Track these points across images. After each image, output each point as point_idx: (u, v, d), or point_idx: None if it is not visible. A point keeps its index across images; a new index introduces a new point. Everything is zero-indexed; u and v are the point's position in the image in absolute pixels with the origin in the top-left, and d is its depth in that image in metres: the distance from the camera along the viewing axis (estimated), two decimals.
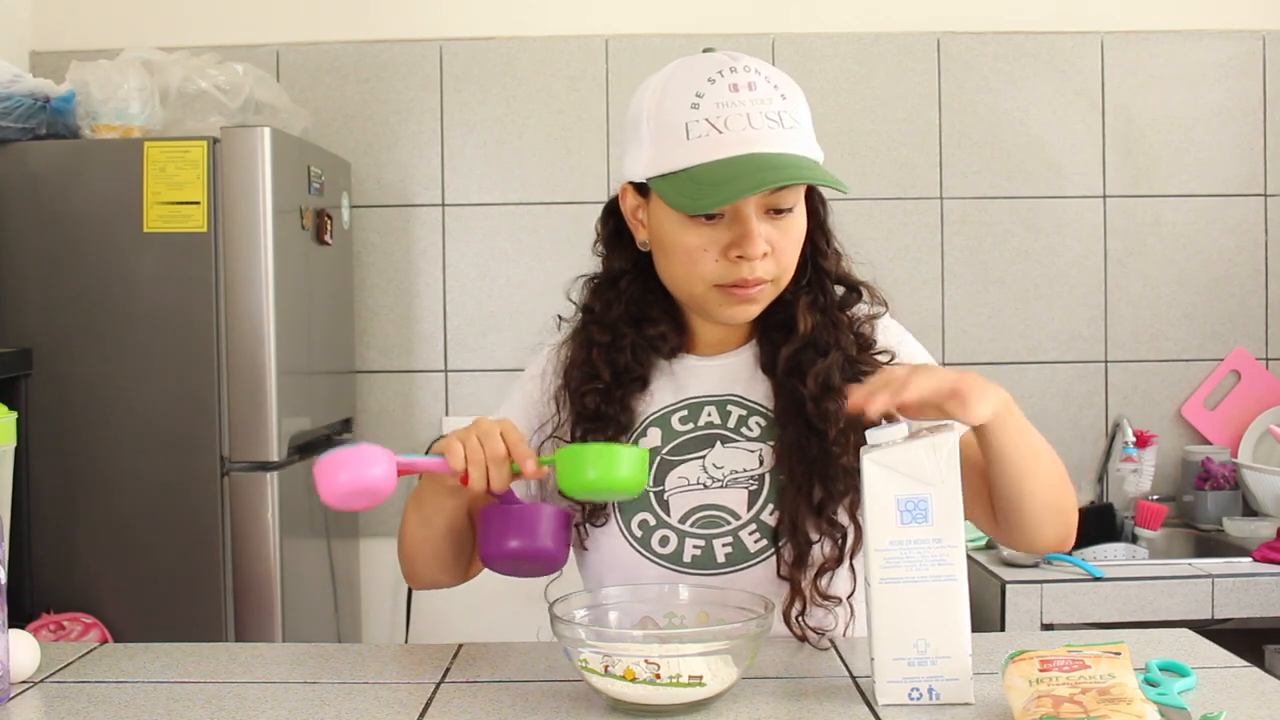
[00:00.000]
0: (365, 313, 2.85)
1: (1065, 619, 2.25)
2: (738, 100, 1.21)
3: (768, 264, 1.24)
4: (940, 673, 1.05)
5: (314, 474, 1.13)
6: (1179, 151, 2.86)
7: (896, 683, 1.06)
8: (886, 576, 1.06)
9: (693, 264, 1.25)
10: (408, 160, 2.86)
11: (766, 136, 1.21)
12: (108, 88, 2.23)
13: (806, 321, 1.30)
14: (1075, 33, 2.85)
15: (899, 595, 1.05)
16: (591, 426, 1.32)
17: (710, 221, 1.24)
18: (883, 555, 1.06)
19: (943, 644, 1.05)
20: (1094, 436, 2.87)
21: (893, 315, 1.41)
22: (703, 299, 1.28)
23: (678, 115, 1.22)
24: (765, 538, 1.28)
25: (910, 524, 1.05)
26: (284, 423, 2.22)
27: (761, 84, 1.22)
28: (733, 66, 1.23)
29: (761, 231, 1.23)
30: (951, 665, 1.05)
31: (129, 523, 2.18)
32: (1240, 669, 1.17)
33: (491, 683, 1.17)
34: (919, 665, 1.05)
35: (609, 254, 1.37)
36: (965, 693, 1.06)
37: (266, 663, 1.27)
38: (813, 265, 1.34)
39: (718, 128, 1.20)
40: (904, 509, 1.05)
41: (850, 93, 2.85)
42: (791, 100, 1.25)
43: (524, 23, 2.85)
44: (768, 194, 1.22)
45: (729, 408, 1.33)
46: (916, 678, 1.05)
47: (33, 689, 1.18)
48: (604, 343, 1.33)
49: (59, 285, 2.19)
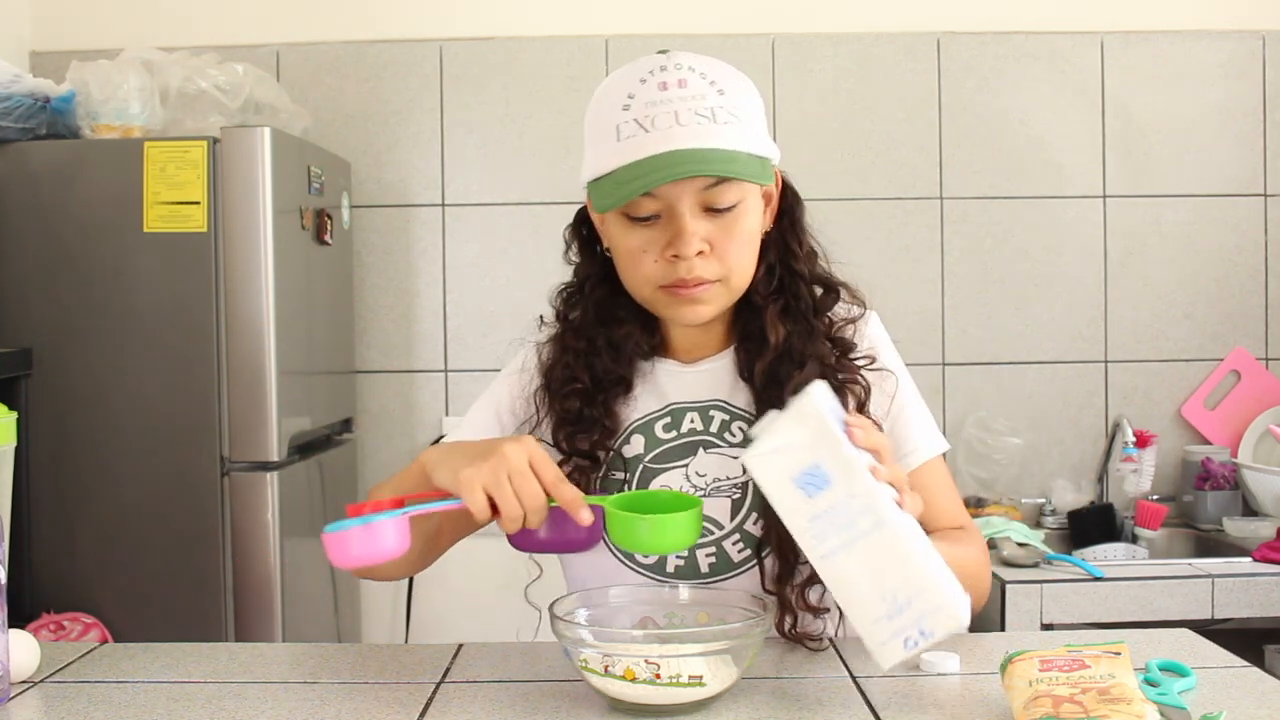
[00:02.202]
0: (365, 313, 2.86)
1: (1065, 619, 2.25)
2: (666, 98, 1.19)
3: (708, 263, 1.22)
4: (921, 612, 1.01)
5: (324, 543, 1.08)
6: (1179, 151, 2.86)
7: (887, 642, 1.02)
8: (823, 552, 1.01)
9: (635, 266, 1.24)
10: (408, 160, 2.86)
11: (693, 133, 1.17)
12: (108, 88, 2.23)
13: (777, 332, 1.27)
14: (1075, 33, 2.85)
15: (842, 564, 1.01)
16: (575, 430, 1.30)
17: (647, 223, 1.22)
18: (809, 535, 1.02)
19: (907, 586, 1.01)
20: (1094, 436, 2.87)
21: (892, 315, 1.39)
22: (651, 301, 1.27)
23: (611, 118, 1.21)
24: (749, 547, 1.27)
25: (816, 494, 1.01)
26: (284, 423, 2.22)
27: (695, 80, 1.20)
28: (664, 65, 1.21)
29: (699, 230, 1.20)
30: (927, 599, 1.01)
31: (129, 523, 2.18)
32: (1240, 669, 1.17)
33: (491, 683, 1.17)
34: (899, 615, 1.01)
35: (579, 260, 1.36)
36: (954, 618, 1.01)
37: (266, 663, 1.27)
38: (784, 268, 1.31)
39: (645, 127, 1.18)
40: (803, 484, 1.01)
41: (850, 93, 2.85)
42: (732, 95, 1.21)
43: (524, 23, 2.85)
44: (703, 191, 1.19)
45: (712, 413, 1.32)
46: (903, 628, 1.01)
47: (33, 689, 1.18)
48: (578, 348, 1.32)
49: (59, 285, 2.19)
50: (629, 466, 1.31)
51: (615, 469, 1.31)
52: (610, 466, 1.31)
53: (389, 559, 1.08)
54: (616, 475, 1.31)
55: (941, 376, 2.85)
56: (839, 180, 2.82)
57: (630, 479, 1.30)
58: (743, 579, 1.27)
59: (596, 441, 1.30)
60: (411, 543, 1.09)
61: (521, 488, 1.06)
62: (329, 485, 2.54)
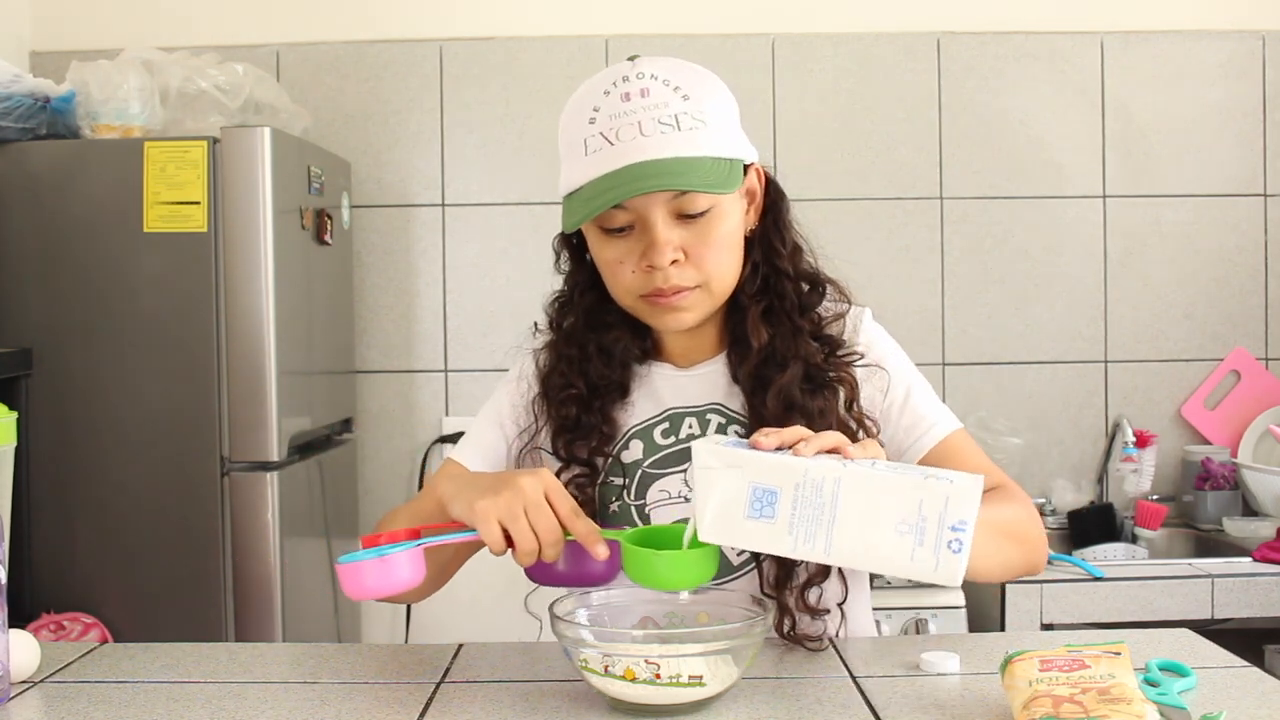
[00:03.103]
0: (365, 313, 2.86)
1: (1065, 619, 2.25)
2: (629, 110, 1.17)
3: (685, 271, 1.21)
4: (937, 512, 0.95)
5: (337, 574, 1.08)
6: (1179, 151, 2.87)
7: (939, 563, 0.95)
8: (824, 547, 0.97)
9: (614, 277, 1.24)
10: (408, 160, 2.86)
11: (657, 143, 1.16)
12: (108, 88, 2.23)
13: (760, 335, 1.26)
14: (1075, 33, 2.85)
15: (845, 540, 0.97)
16: (574, 437, 1.30)
17: (623, 234, 1.22)
18: (803, 545, 0.98)
19: (906, 502, 0.96)
20: (1094, 436, 2.87)
21: (892, 315, 1.39)
22: (634, 310, 1.27)
23: (578, 132, 1.20)
24: (747, 550, 1.26)
25: (774, 508, 0.98)
26: (284, 423, 2.22)
27: (657, 88, 1.18)
28: (627, 75, 1.20)
29: (673, 239, 1.19)
30: (933, 499, 0.95)
31: (129, 523, 2.18)
32: (1240, 669, 1.17)
33: (491, 683, 1.17)
34: (924, 531, 0.95)
35: (569, 269, 1.36)
36: (969, 492, 0.96)
37: (266, 663, 1.27)
38: (768, 266, 1.29)
39: (610, 140, 1.17)
40: (759, 514, 0.99)
41: (850, 93, 2.85)
42: (697, 100, 1.19)
43: (524, 23, 2.85)
44: (672, 200, 1.18)
45: (709, 417, 1.31)
46: (938, 539, 0.95)
47: (33, 689, 1.18)
48: (571, 355, 1.32)
49: (59, 285, 2.19)
50: (628, 472, 1.31)
51: (614, 474, 1.31)
52: (609, 472, 1.31)
53: (403, 591, 1.08)
54: (615, 481, 1.31)
55: (941, 376, 2.85)
56: (839, 180, 2.82)
57: (629, 484, 1.30)
58: (741, 583, 1.27)
59: (595, 448, 1.30)
60: (426, 572, 1.09)
61: (537, 521, 1.06)
62: (329, 485, 2.54)
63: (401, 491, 2.85)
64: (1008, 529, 1.17)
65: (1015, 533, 1.19)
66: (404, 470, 2.87)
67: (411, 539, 1.10)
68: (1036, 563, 1.23)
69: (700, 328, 1.30)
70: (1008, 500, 1.22)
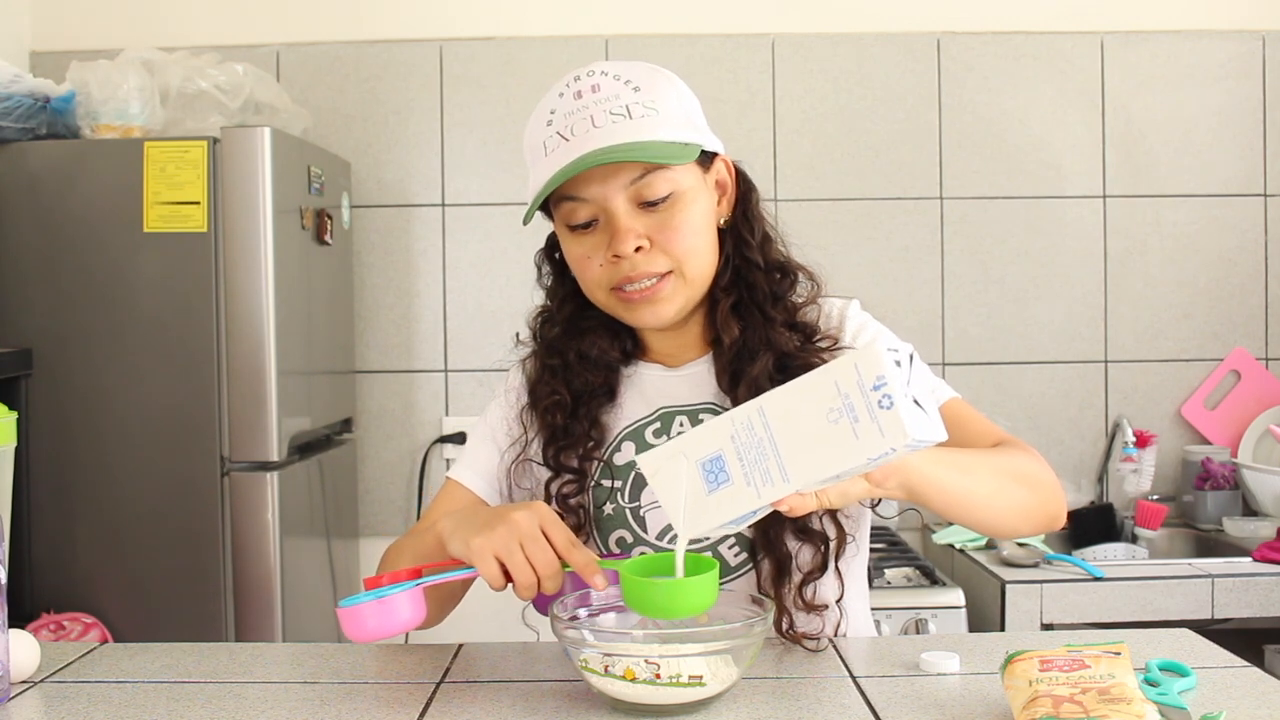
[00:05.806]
0: (365, 313, 2.86)
1: (1065, 619, 2.25)
2: (581, 105, 1.21)
3: (653, 257, 1.22)
4: (850, 380, 0.93)
5: (339, 617, 1.08)
6: (1179, 151, 2.87)
7: (886, 423, 0.92)
8: (778, 483, 0.96)
9: (584, 273, 1.26)
10: (408, 160, 2.86)
11: (608, 132, 1.18)
12: (108, 88, 2.23)
13: (731, 331, 1.27)
14: (1075, 33, 2.85)
15: (801, 460, 0.95)
16: (562, 445, 1.30)
17: (588, 229, 1.24)
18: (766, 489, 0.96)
19: (824, 388, 0.94)
20: (1094, 436, 2.87)
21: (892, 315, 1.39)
22: (609, 307, 1.27)
23: (539, 135, 1.24)
24: (744, 551, 1.27)
25: (724, 470, 0.98)
26: (284, 423, 2.22)
27: (607, 83, 1.21)
28: (579, 75, 1.23)
29: (635, 226, 1.21)
30: (843, 374, 0.93)
31: (129, 523, 2.18)
32: (1240, 669, 1.17)
33: (491, 683, 1.17)
34: (851, 400, 0.93)
35: (551, 282, 1.37)
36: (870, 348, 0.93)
37: (266, 663, 1.27)
38: (739, 257, 1.29)
39: (565, 137, 1.20)
40: (714, 483, 0.99)
41: (850, 93, 2.85)
42: (647, 90, 1.21)
43: (524, 23, 2.85)
44: (629, 186, 1.20)
45: (701, 415, 1.31)
46: (867, 402, 0.92)
47: (33, 689, 1.18)
48: (554, 364, 1.33)
49: (59, 285, 2.19)
50: (621, 474, 1.30)
51: (606, 477, 1.31)
52: (602, 475, 1.31)
53: (404, 631, 1.09)
54: (608, 484, 1.31)
55: (941, 376, 2.82)
56: (839, 180, 2.82)
57: (622, 487, 1.30)
58: (740, 583, 1.27)
59: (584, 455, 1.30)
60: (427, 611, 1.10)
61: (533, 554, 1.06)
62: (329, 485, 2.54)
63: (401, 491, 2.86)
64: (1015, 473, 1.17)
65: (1023, 477, 1.18)
66: (404, 470, 2.87)
67: (413, 579, 1.10)
68: (1054, 511, 1.23)
69: (685, 326, 1.31)
70: (1014, 451, 1.22)
